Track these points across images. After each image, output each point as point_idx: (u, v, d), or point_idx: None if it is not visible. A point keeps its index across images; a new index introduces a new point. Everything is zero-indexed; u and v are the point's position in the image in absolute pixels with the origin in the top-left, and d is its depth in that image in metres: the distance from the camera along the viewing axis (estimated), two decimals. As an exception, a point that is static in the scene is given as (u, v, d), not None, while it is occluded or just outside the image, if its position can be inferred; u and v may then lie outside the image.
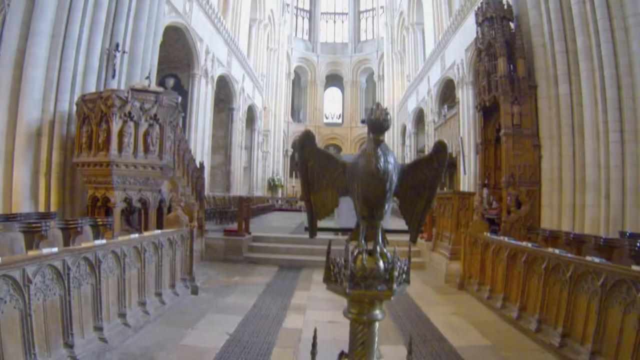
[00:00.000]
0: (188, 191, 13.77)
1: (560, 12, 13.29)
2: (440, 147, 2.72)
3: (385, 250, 2.63)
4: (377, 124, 2.44)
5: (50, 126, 11.21)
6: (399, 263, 2.58)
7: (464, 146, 22.52)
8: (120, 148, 9.99)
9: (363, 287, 2.46)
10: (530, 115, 13.82)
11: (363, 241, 2.59)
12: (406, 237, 2.93)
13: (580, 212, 12.44)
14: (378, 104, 2.50)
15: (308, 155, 2.72)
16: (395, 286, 2.48)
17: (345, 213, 3.16)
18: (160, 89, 11.06)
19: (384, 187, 2.45)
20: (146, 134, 10.33)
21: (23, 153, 10.83)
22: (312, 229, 2.95)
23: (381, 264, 2.51)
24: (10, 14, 11.75)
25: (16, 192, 10.72)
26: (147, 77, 12.71)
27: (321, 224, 2.89)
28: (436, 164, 2.68)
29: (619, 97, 11.81)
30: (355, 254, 2.56)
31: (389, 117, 2.44)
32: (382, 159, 2.45)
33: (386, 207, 2.57)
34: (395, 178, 2.51)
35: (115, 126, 9.94)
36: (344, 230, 8.71)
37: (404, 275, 2.61)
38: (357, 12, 57.91)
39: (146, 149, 10.32)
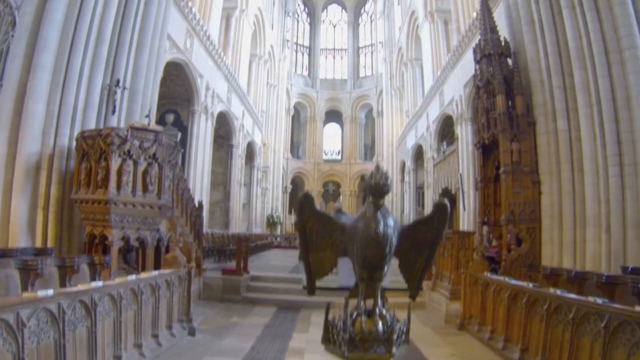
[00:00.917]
0: (186, 230, 13.71)
1: (557, 47, 13.36)
2: (440, 207, 2.70)
3: (384, 311, 2.58)
4: (377, 188, 2.44)
5: (50, 160, 11.13)
6: (398, 325, 2.53)
7: (463, 183, 22.50)
8: (119, 186, 9.94)
9: (362, 350, 2.41)
10: (530, 151, 13.79)
11: (362, 302, 2.55)
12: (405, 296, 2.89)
13: (581, 247, 12.33)
14: (378, 168, 2.50)
15: (306, 218, 2.72)
16: (394, 349, 2.43)
17: (345, 272, 3.13)
18: (160, 128, 11.06)
19: (383, 251, 2.43)
20: (145, 173, 10.30)
21: (21, 186, 10.74)
22: (311, 288, 2.92)
23: (380, 326, 2.46)
24: (14, 46, 11.84)
25: (13, 225, 10.62)
26: (147, 116, 12.72)
27: (321, 282, 2.86)
28: (436, 224, 2.66)
29: (617, 131, 11.79)
30: (354, 316, 2.51)
31: (389, 181, 2.43)
32: (381, 223, 2.43)
33: (385, 269, 2.54)
34: (395, 241, 2.49)
35: (114, 164, 9.91)
36: (343, 289, 8.64)
37: (403, 337, 2.56)
38: (356, 48, 58.47)
39: (145, 188, 10.27)
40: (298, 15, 58.04)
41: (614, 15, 12.25)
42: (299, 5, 57.96)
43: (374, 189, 2.46)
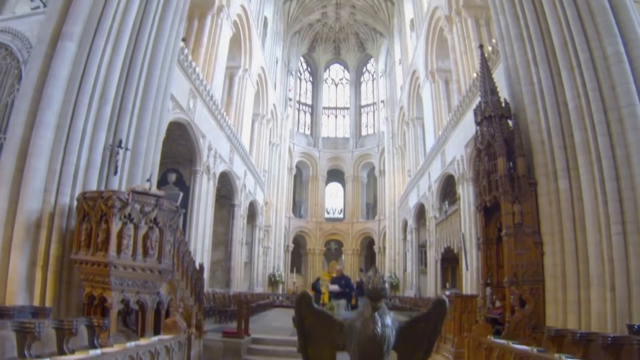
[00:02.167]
0: (187, 293, 13.54)
1: (556, 107, 13.43)
2: (439, 303, 2.73)
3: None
4: (375, 292, 2.51)
5: (50, 218, 11.06)
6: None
7: (465, 242, 22.41)
8: (119, 249, 9.87)
9: None
10: (531, 212, 13.72)
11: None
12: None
13: (586, 307, 12.14)
14: (375, 271, 2.57)
15: (305, 315, 2.74)
16: None
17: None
18: (161, 193, 11.05)
19: (380, 350, 2.50)
20: (146, 237, 10.25)
21: (21, 243, 10.65)
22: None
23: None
24: (19, 102, 12.02)
25: (11, 282, 10.48)
26: (148, 180, 12.71)
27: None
28: (435, 319, 2.69)
29: (618, 189, 11.74)
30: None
31: (386, 285, 2.48)
32: (379, 324, 2.50)
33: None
34: (393, 339, 2.53)
35: (115, 227, 9.86)
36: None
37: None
38: (358, 106, 59.17)
39: (145, 252, 10.21)
40: (301, 74, 58.97)
41: (611, 73, 12.37)
42: (301, 64, 58.96)
43: (372, 293, 2.54)
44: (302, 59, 59.41)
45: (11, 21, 15.00)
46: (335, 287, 18.19)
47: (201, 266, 14.98)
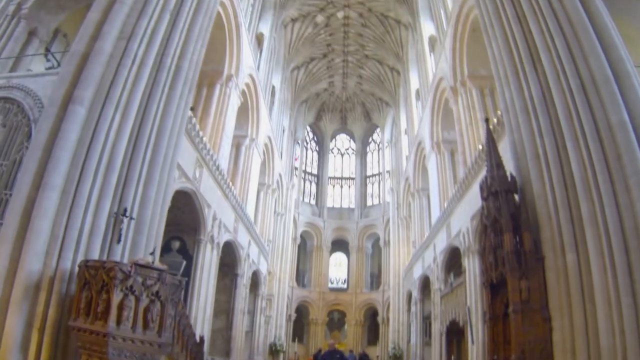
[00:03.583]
0: (187, 367, 13.31)
1: (563, 180, 13.39)
2: None
3: None
4: None
5: (50, 281, 10.90)
6: None
7: (471, 316, 22.06)
8: (119, 321, 9.71)
9: None
10: (539, 288, 13.50)
11: None
12: None
13: (597, 381, 11.89)
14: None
15: None
16: None
17: None
18: (164, 267, 10.95)
19: None
20: (147, 310, 10.10)
21: (19, 303, 10.46)
22: None
23: None
24: (26, 161, 12.07)
25: (6, 342, 10.23)
26: (152, 253, 12.59)
27: None
28: None
29: (627, 261, 11.52)
30: None
31: None
32: None
33: None
34: None
35: (116, 298, 9.73)
36: None
37: None
38: (364, 177, 59.45)
39: (145, 325, 10.04)
40: (307, 144, 59.47)
41: (616, 142, 12.38)
42: (308, 133, 59.57)
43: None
44: (308, 128, 60.07)
45: (25, 79, 15.21)
46: None
47: (202, 339, 14.73)
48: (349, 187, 59.65)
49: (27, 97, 14.59)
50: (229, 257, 28.90)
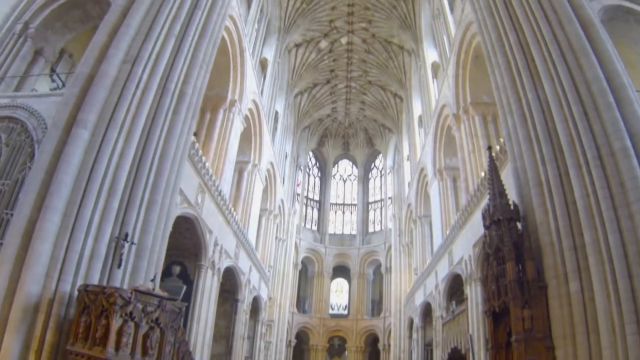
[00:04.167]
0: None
1: (565, 207, 13.41)
2: None
3: None
4: None
5: (49, 304, 10.90)
6: None
7: (473, 344, 21.87)
8: (117, 347, 9.66)
9: None
10: (542, 317, 13.41)
11: None
12: None
13: (602, 410, 11.75)
14: None
15: None
16: None
17: None
18: (165, 294, 10.92)
19: None
20: (146, 337, 10.08)
21: (17, 325, 10.45)
22: None
23: None
24: (28, 182, 12.18)
25: None
26: (152, 280, 12.56)
27: None
28: None
29: (631, 288, 11.50)
30: None
31: None
32: None
33: None
34: None
35: (115, 324, 9.70)
36: None
37: None
38: (366, 203, 59.38)
39: (145, 352, 10.00)
40: (309, 170, 59.54)
41: (619, 169, 12.46)
42: (310, 159, 59.68)
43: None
44: (311, 153, 60.20)
45: (30, 99, 15.27)
46: None
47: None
48: (351, 213, 59.59)
49: (31, 117, 14.65)
50: (230, 283, 28.74)
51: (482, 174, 21.26)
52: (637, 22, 17.25)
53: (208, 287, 23.13)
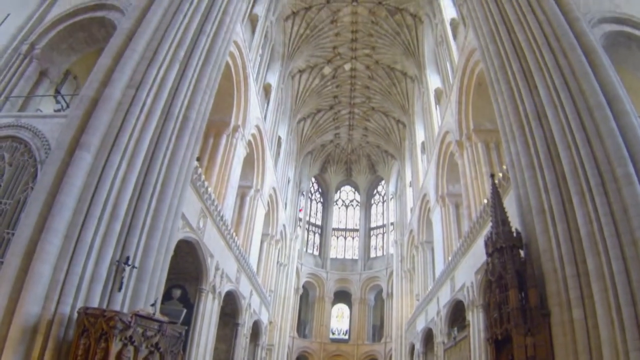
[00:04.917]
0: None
1: (568, 234, 13.37)
2: None
3: None
4: None
5: (49, 326, 10.81)
6: None
7: (475, 372, 21.76)
8: (116, 371, 9.63)
9: None
10: (545, 344, 13.30)
11: None
12: None
13: None
14: None
15: None
16: None
17: None
18: (165, 319, 10.89)
19: None
20: (145, 361, 10.04)
21: (15, 345, 10.36)
22: None
23: None
24: (30, 203, 12.15)
25: None
26: (153, 305, 12.49)
27: None
28: None
29: (635, 315, 11.40)
30: None
31: None
32: None
33: None
34: None
35: (115, 348, 9.67)
36: None
37: None
38: (368, 229, 59.36)
39: (143, 376, 9.96)
40: (312, 195, 59.55)
41: (622, 195, 12.45)
42: (313, 184, 59.78)
43: None
44: (313, 179, 60.35)
45: (34, 119, 15.32)
46: None
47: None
48: (353, 238, 59.59)
49: (34, 138, 14.70)
50: (230, 307, 28.62)
51: (485, 200, 21.23)
52: (638, 48, 17.36)
53: (208, 311, 23.02)
